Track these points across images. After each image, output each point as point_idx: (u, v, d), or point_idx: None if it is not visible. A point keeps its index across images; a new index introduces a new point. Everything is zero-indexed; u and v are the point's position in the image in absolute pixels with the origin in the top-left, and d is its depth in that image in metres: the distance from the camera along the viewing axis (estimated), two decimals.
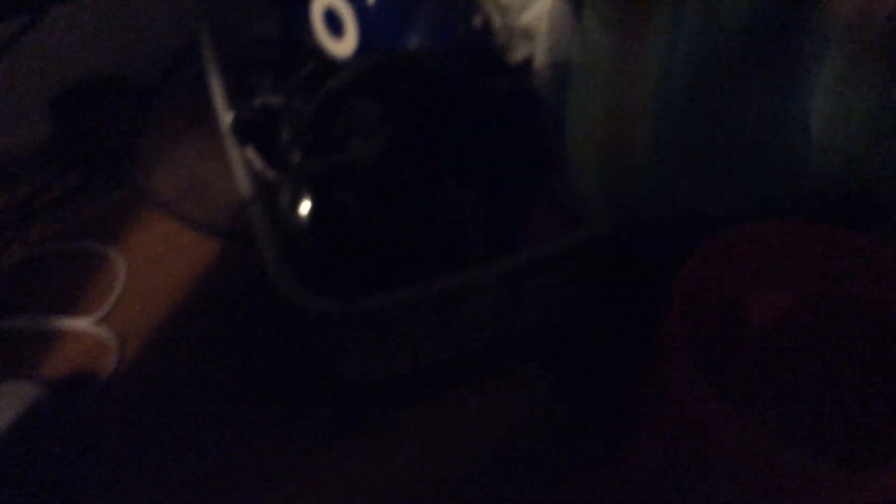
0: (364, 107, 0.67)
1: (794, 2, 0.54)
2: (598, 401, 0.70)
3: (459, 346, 0.72)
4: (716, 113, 0.59)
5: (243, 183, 0.69)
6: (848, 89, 0.55)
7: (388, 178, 0.64)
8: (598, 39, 0.57)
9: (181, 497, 0.65)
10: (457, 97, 0.70)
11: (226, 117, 0.73)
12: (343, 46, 0.76)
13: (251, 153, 0.68)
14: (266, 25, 0.82)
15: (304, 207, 0.61)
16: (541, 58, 0.71)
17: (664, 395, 0.55)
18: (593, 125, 0.61)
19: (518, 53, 0.74)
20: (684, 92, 0.58)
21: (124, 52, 0.84)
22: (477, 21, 0.73)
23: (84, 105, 0.83)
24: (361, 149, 0.63)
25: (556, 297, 0.72)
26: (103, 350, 0.75)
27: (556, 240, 0.65)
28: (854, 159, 0.57)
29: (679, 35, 0.56)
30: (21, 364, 0.75)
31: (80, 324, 0.76)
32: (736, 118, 0.59)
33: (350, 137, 0.65)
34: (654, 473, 0.60)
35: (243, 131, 0.72)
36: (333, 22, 0.75)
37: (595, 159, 0.63)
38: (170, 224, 0.81)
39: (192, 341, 0.75)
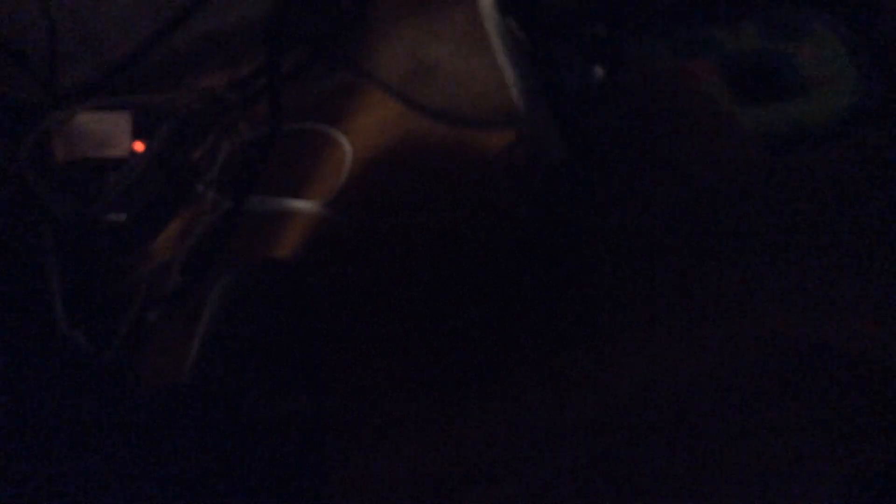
0: None
1: None
2: None
3: None
4: None
5: (505, 60, 0.66)
6: None
7: None
8: None
9: (427, 372, 0.64)
10: None
11: None
12: None
13: (513, 25, 0.64)
14: None
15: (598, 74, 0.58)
16: None
17: None
18: None
19: None
20: None
21: None
22: None
23: None
24: None
25: None
26: (332, 233, 0.73)
27: None
28: None
29: None
30: (251, 245, 0.74)
31: (308, 206, 0.74)
32: None
33: None
34: None
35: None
36: None
37: None
38: (395, 107, 0.78)
39: (417, 228, 0.73)
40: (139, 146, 0.72)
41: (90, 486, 0.49)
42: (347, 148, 0.77)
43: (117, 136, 0.71)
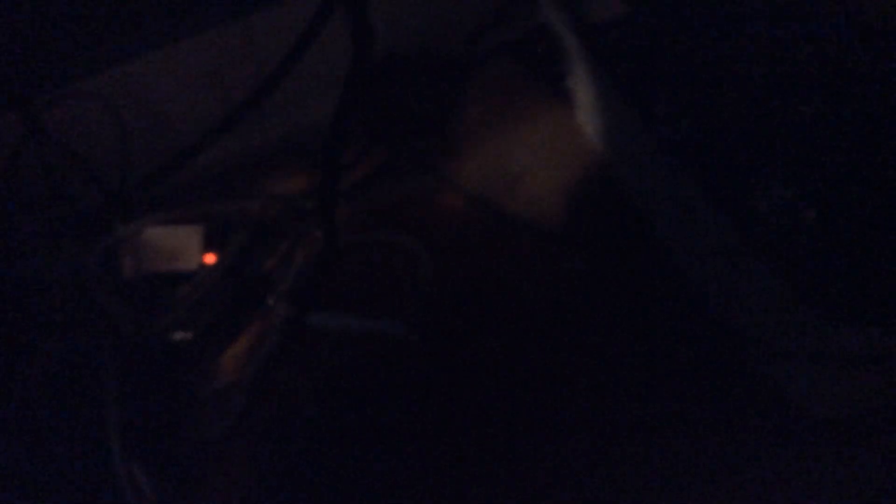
0: None
1: None
2: None
3: None
4: None
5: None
6: None
7: None
8: None
9: None
10: None
11: None
12: None
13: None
14: None
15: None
16: None
17: None
18: None
19: None
20: None
21: (440, 24, 0.77)
22: None
23: (390, 81, 0.77)
24: None
25: None
26: (409, 352, 0.68)
27: None
28: None
29: None
30: (319, 365, 0.69)
31: (380, 324, 0.69)
32: None
33: None
34: None
35: None
36: None
37: None
38: (478, 216, 0.73)
39: (497, 350, 0.67)
40: (210, 258, 0.69)
41: None
42: (427, 260, 0.72)
43: (187, 249, 0.68)
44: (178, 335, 0.66)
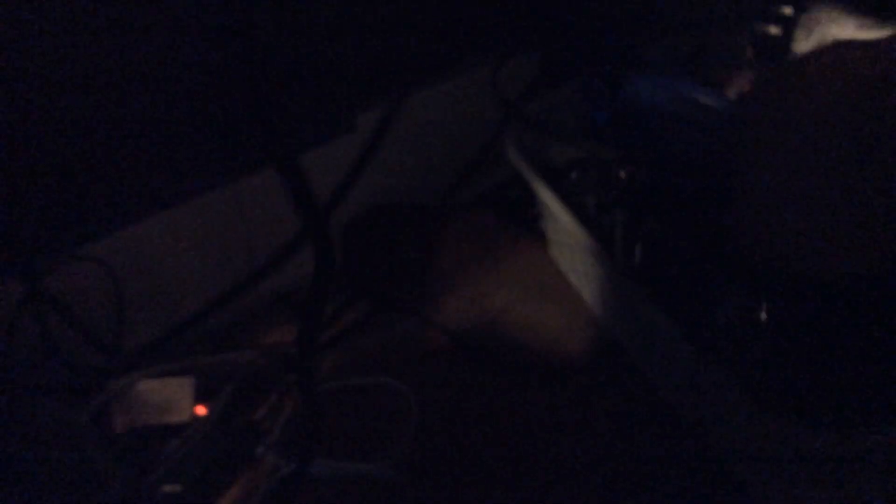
0: None
1: None
2: None
3: None
4: None
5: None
6: None
7: None
8: None
9: None
10: None
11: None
12: None
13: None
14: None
15: None
16: None
17: None
18: None
19: None
20: None
21: (414, 178, 0.82)
22: None
23: (373, 233, 0.81)
24: None
25: None
26: (399, 494, 0.68)
27: None
28: None
29: None
30: None
31: (370, 469, 0.69)
32: None
33: None
34: None
35: None
36: None
37: None
38: (461, 358, 0.75)
39: (493, 481, 0.67)
40: (201, 410, 0.71)
41: None
42: (413, 404, 0.73)
43: (179, 401, 0.70)
44: (168, 488, 0.66)
